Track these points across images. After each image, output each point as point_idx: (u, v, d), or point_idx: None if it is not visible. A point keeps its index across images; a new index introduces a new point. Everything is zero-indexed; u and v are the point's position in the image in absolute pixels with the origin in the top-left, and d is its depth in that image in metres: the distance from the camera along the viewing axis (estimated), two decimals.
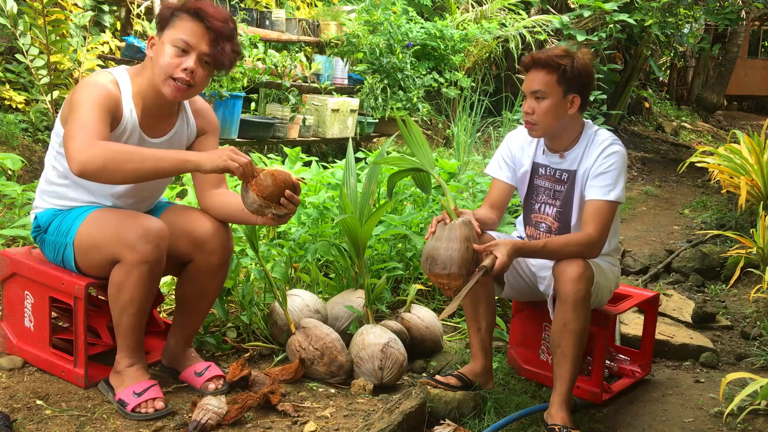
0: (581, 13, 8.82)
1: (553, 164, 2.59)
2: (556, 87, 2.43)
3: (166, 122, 2.38)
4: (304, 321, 2.74)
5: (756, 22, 17.27)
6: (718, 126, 14.10)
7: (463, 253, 2.23)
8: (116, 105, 2.22)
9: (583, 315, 2.34)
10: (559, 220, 2.60)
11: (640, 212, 6.93)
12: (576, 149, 2.53)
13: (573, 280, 2.32)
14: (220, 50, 2.24)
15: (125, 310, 2.22)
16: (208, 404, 2.19)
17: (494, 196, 2.67)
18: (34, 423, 2.16)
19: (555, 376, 2.39)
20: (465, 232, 2.27)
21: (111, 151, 2.05)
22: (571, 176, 2.54)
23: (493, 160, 2.72)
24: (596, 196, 2.44)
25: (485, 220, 2.54)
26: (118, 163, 2.04)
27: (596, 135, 2.54)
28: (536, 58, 2.45)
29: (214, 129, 2.53)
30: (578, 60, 2.44)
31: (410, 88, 7.22)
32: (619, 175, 2.46)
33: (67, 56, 4.74)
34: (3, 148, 4.27)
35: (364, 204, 2.87)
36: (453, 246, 2.24)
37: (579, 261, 2.35)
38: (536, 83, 2.44)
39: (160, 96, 2.27)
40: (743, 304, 4.01)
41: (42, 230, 2.37)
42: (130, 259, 2.15)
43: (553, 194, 2.60)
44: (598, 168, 2.46)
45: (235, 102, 5.31)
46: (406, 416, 2.24)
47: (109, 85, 2.21)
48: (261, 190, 2.11)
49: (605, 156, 2.47)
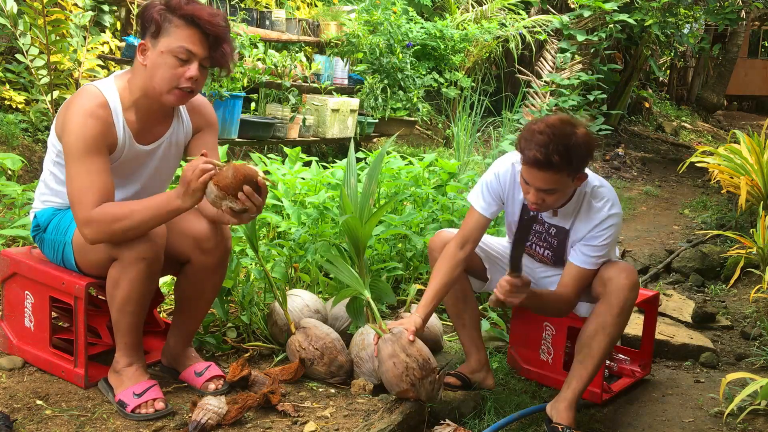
0: (581, 13, 8.82)
1: (544, 216, 2.50)
2: (565, 179, 2.26)
3: (161, 126, 2.36)
4: (304, 321, 2.74)
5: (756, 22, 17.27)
6: (718, 126, 14.10)
7: (393, 370, 2.27)
8: (109, 135, 2.19)
9: (624, 322, 2.39)
10: (553, 261, 2.61)
11: (640, 212, 6.93)
12: (568, 206, 2.43)
13: (628, 287, 2.35)
14: (221, 54, 2.22)
15: (123, 308, 2.22)
16: (208, 404, 2.19)
17: (469, 230, 2.52)
18: (34, 423, 2.16)
19: (572, 374, 2.37)
20: (389, 350, 2.29)
21: (107, 224, 2.11)
22: (563, 233, 2.49)
23: (477, 188, 2.55)
24: (583, 264, 2.41)
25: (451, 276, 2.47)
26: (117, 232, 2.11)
27: (592, 195, 2.41)
28: (541, 161, 2.20)
29: (211, 125, 2.48)
30: (578, 140, 2.23)
31: (410, 88, 7.22)
32: (611, 247, 2.43)
33: (67, 56, 4.75)
34: (3, 148, 4.27)
35: (364, 204, 2.87)
36: (382, 368, 2.31)
37: (630, 268, 2.41)
38: (544, 183, 2.25)
39: (155, 102, 2.25)
40: (743, 304, 4.01)
41: (41, 229, 2.37)
42: (126, 256, 2.14)
43: (545, 238, 2.56)
44: (592, 239, 2.40)
45: (235, 102, 5.32)
46: (406, 416, 2.24)
47: (101, 114, 2.16)
48: (219, 179, 2.05)
49: (602, 229, 2.39)
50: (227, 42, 2.23)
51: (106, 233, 2.11)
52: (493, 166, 2.56)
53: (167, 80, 2.17)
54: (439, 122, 8.47)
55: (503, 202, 2.54)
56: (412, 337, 2.31)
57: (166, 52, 2.16)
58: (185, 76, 2.17)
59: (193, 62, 2.18)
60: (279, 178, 3.80)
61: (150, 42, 2.19)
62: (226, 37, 2.23)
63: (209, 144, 2.44)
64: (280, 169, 3.91)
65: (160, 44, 2.16)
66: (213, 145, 2.47)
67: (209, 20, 2.17)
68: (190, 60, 2.17)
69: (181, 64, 2.17)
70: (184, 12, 2.16)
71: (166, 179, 2.49)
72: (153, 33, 2.17)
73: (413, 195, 3.92)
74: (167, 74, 2.17)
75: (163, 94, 2.20)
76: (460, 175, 4.53)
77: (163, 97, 2.21)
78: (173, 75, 2.17)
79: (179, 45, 2.15)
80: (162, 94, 2.20)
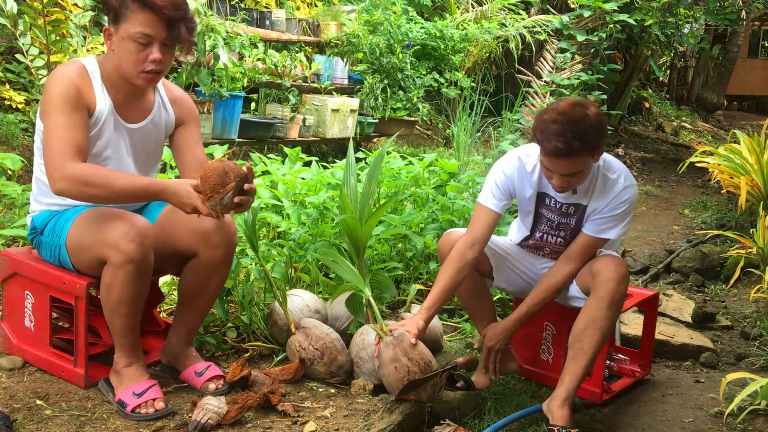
0: (581, 13, 8.82)
1: (559, 197, 2.50)
2: (586, 159, 2.31)
3: (143, 106, 2.41)
4: (304, 321, 2.74)
5: (756, 22, 17.27)
6: (718, 126, 14.09)
7: (394, 374, 2.28)
8: (86, 94, 2.24)
9: (615, 315, 2.38)
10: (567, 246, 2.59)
11: (640, 212, 6.93)
12: (585, 182, 2.44)
13: (616, 279, 2.34)
14: (177, 33, 2.25)
15: (116, 310, 2.23)
16: (208, 404, 2.19)
17: (479, 228, 2.51)
18: (34, 423, 2.16)
19: (566, 371, 2.37)
20: (390, 354, 2.31)
21: (82, 179, 2.13)
22: (580, 210, 2.49)
23: (485, 187, 2.56)
24: (595, 233, 2.43)
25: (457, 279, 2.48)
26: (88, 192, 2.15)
27: (605, 167, 2.44)
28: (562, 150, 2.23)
29: (193, 117, 2.54)
30: (592, 120, 2.26)
31: (410, 88, 7.22)
32: (625, 217, 2.45)
33: (67, 56, 4.74)
34: (3, 148, 4.27)
35: (364, 204, 2.87)
36: (383, 371, 2.33)
37: (619, 260, 2.41)
38: (568, 169, 2.30)
39: (130, 84, 2.30)
40: (743, 304, 4.01)
41: (38, 232, 2.37)
42: (115, 259, 2.15)
43: (557, 226, 2.55)
44: (608, 210, 2.43)
45: (235, 102, 5.31)
46: (406, 416, 2.24)
47: (76, 76, 2.23)
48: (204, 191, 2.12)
49: (621, 201, 2.42)
50: (184, 21, 2.26)
51: (74, 191, 2.16)
52: (498, 165, 2.58)
53: (132, 65, 2.24)
54: (439, 122, 8.47)
55: (513, 195, 2.57)
56: (415, 340, 2.31)
57: (126, 38, 2.22)
58: (149, 59, 2.23)
59: (154, 44, 2.23)
60: (279, 178, 3.80)
61: (113, 28, 2.25)
62: (183, 16, 2.25)
63: (193, 137, 2.51)
64: (280, 169, 3.91)
65: (121, 30, 2.22)
66: (197, 138, 2.53)
67: (162, 3, 2.20)
68: (150, 43, 2.22)
69: (143, 48, 2.22)
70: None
71: (148, 165, 2.51)
72: (113, 19, 2.24)
73: (413, 195, 3.92)
74: (131, 59, 2.23)
75: (132, 78, 2.27)
76: (460, 175, 4.52)
77: (133, 80, 2.27)
78: (137, 59, 2.23)
79: (136, 30, 2.20)
80: (132, 78, 2.27)
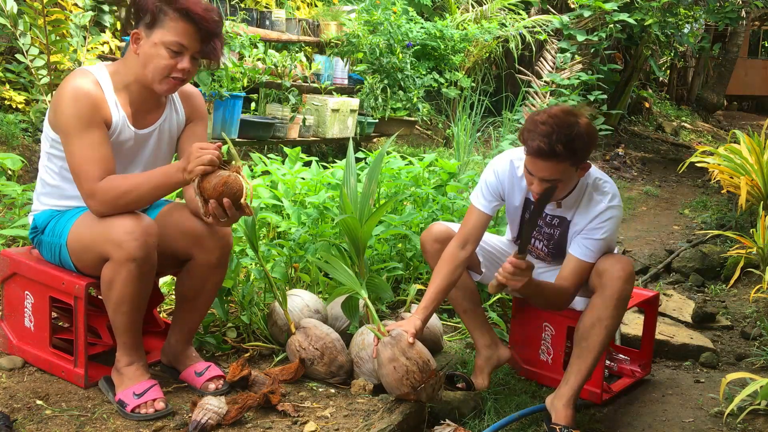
0: (581, 13, 8.82)
1: (546, 208, 2.49)
2: (568, 169, 2.28)
3: (155, 112, 2.40)
4: (304, 321, 2.74)
5: (756, 22, 17.28)
6: (718, 126, 14.09)
7: (393, 374, 2.29)
8: (103, 109, 2.23)
9: (621, 314, 2.38)
10: (552, 257, 2.63)
11: (640, 212, 6.93)
12: (571, 197, 2.44)
13: (624, 278, 2.34)
14: (212, 48, 2.27)
15: (118, 308, 2.22)
16: (208, 404, 2.19)
17: (470, 228, 2.54)
18: (34, 423, 2.16)
19: (570, 369, 2.37)
20: (388, 354, 2.31)
21: (113, 198, 2.17)
22: (564, 224, 2.50)
23: (477, 187, 2.59)
24: (583, 256, 2.42)
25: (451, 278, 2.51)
26: (122, 205, 2.18)
27: (593, 187, 2.43)
28: (544, 151, 2.21)
29: (201, 116, 2.53)
30: (581, 129, 2.25)
31: (410, 88, 7.22)
32: (611, 240, 2.44)
33: (67, 56, 4.74)
34: (3, 148, 4.27)
35: (364, 204, 2.87)
36: (382, 372, 2.33)
37: (626, 260, 2.41)
38: (548, 173, 2.26)
39: (147, 90, 2.29)
40: (743, 304, 4.01)
41: (39, 231, 2.37)
42: (117, 256, 2.15)
43: (544, 232, 2.57)
44: (591, 231, 2.41)
45: (235, 102, 5.31)
46: (406, 416, 2.24)
47: (92, 90, 2.21)
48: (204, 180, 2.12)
49: (601, 221, 2.40)
50: (218, 37, 2.29)
51: (110, 205, 2.18)
52: (491, 164, 2.58)
53: (159, 71, 2.23)
54: (439, 122, 8.47)
55: (503, 198, 2.56)
56: (412, 339, 2.31)
57: (159, 44, 2.21)
58: (177, 68, 2.23)
59: (186, 55, 2.23)
60: (279, 178, 3.80)
61: (144, 32, 2.23)
62: (219, 31, 2.28)
63: (200, 136, 2.50)
64: (280, 169, 3.91)
65: (154, 35, 2.21)
66: (203, 136, 2.52)
67: (204, 15, 2.21)
68: (182, 53, 2.23)
69: (174, 56, 2.22)
70: (180, 6, 2.20)
71: (159, 165, 2.49)
72: (147, 23, 2.22)
73: (413, 195, 3.92)
74: (160, 65, 2.22)
75: (155, 83, 2.26)
76: (460, 175, 4.52)
77: (154, 85, 2.26)
78: (165, 66, 2.22)
79: (173, 39, 2.20)
80: (154, 83, 2.26)
